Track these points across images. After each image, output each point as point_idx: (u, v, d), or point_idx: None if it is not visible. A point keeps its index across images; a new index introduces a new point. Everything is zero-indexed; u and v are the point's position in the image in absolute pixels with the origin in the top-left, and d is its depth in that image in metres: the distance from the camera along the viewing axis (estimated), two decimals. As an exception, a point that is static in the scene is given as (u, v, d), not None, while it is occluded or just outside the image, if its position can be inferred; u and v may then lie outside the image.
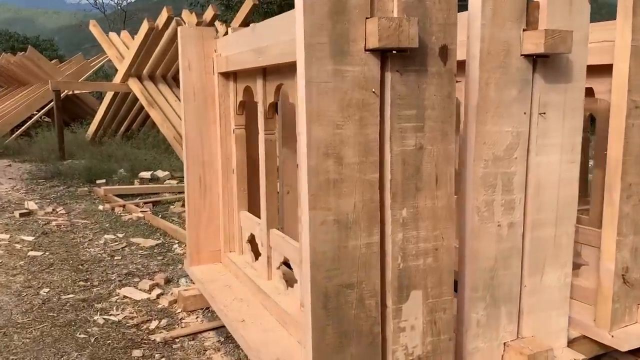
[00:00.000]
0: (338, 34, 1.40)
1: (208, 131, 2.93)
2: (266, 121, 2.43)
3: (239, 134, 2.84)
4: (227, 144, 2.90)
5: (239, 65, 2.48)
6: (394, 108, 1.49)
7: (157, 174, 6.36)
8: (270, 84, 2.33)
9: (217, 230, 3.02)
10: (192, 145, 2.90)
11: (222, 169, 2.92)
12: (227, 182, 2.93)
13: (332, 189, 1.45)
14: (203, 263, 3.01)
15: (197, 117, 2.89)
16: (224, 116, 2.88)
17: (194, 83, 2.86)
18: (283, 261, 2.42)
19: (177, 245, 3.83)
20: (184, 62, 2.83)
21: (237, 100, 2.79)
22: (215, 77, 2.87)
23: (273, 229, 2.50)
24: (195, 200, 2.95)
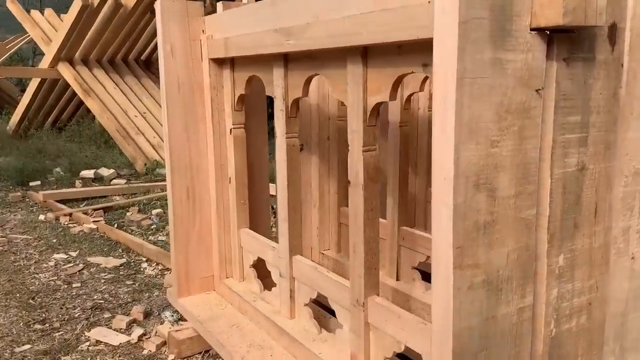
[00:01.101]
0: (499, 5, 0.93)
1: (196, 131, 2.36)
2: (288, 121, 1.91)
3: (237, 135, 2.30)
4: (222, 146, 2.36)
5: (249, 50, 1.93)
6: (557, 113, 1.04)
7: (101, 173, 5.60)
8: (296, 74, 1.82)
9: (209, 252, 2.47)
10: (177, 149, 2.33)
11: (216, 178, 2.37)
12: (221, 193, 2.39)
13: (482, 237, 0.99)
14: (194, 293, 2.46)
15: (183, 113, 2.32)
16: (217, 112, 2.32)
17: (179, 72, 2.29)
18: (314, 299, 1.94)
19: (146, 263, 3.23)
20: (166, 46, 2.24)
21: (236, 93, 2.24)
22: (204, 65, 2.30)
23: (298, 256, 2.00)
24: (182, 216, 2.38)
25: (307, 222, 2.81)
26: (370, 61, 1.47)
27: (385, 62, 1.42)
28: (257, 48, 1.88)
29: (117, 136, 6.45)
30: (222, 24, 2.17)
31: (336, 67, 1.60)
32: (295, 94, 1.85)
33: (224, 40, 2.11)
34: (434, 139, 0.97)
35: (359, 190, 1.56)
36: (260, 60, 2.00)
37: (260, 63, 2.02)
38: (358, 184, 1.56)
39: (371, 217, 1.58)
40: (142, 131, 6.61)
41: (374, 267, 1.62)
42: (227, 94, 2.28)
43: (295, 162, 1.96)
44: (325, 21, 1.51)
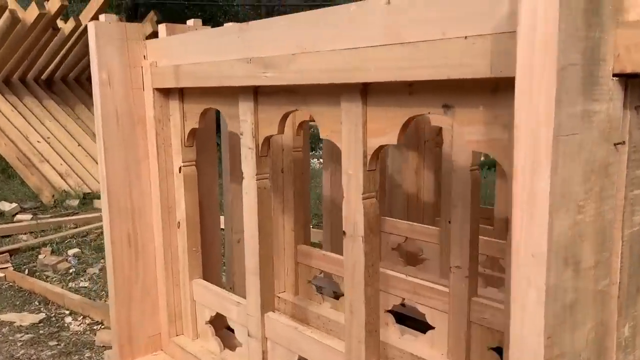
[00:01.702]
0: (590, 48, 0.79)
1: (138, 169, 2.06)
2: (259, 161, 1.69)
3: (188, 173, 2.03)
4: (169, 186, 2.07)
5: (210, 81, 1.69)
6: (629, 167, 0.91)
7: (0, 208, 4.96)
8: (269, 109, 1.60)
9: (155, 308, 2.16)
10: (116, 190, 2.01)
11: (162, 222, 2.07)
12: (169, 240, 2.10)
13: (569, 319, 0.83)
14: (138, 355, 2.13)
15: (122, 149, 2.01)
16: (163, 148, 2.04)
17: (117, 103, 1.98)
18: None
19: (70, 317, 2.81)
20: (102, 74, 1.93)
21: (187, 126, 1.98)
22: (147, 95, 2.02)
23: (271, 313, 1.76)
24: (123, 266, 2.06)
25: (260, 263, 2.57)
26: (371, 99, 1.29)
27: (392, 101, 1.25)
28: (222, 79, 1.64)
29: (18, 165, 5.78)
30: (171, 50, 1.90)
31: (325, 104, 1.41)
32: (268, 131, 1.63)
33: (174, 68, 1.84)
34: (514, 209, 0.80)
35: (358, 243, 1.37)
36: (221, 92, 1.76)
37: (220, 95, 1.78)
38: (357, 235, 1.37)
39: (372, 273, 1.39)
40: (46, 158, 5.98)
41: (375, 329, 1.43)
42: (176, 127, 2.01)
43: (267, 207, 1.73)
44: (317, 53, 1.31)
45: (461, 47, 1.00)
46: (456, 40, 1.01)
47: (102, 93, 1.94)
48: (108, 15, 1.94)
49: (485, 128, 1.07)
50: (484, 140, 1.08)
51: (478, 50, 0.98)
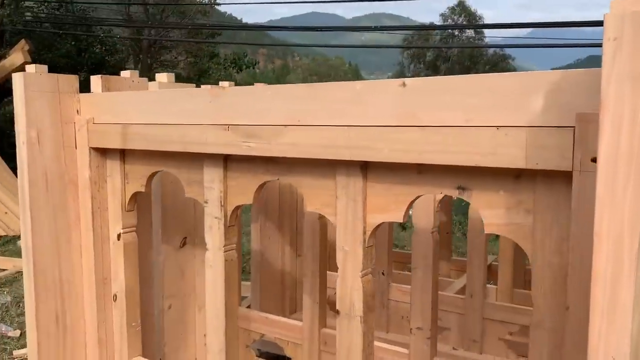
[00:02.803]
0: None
1: (68, 237, 1.82)
2: (227, 231, 1.57)
3: (128, 241, 1.84)
4: (103, 256, 1.86)
5: (171, 145, 1.55)
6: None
7: None
8: (242, 178, 1.51)
9: (83, 393, 1.90)
10: (43, 264, 1.76)
11: (97, 296, 1.84)
12: (103, 315, 1.87)
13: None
14: None
15: (52, 217, 1.77)
16: (98, 213, 1.83)
17: (47, 164, 1.75)
18: None
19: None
20: (30, 132, 1.70)
21: (128, 190, 1.80)
22: (82, 154, 1.81)
23: (237, 394, 1.63)
24: (48, 350, 1.79)
25: (191, 329, 2.39)
26: (373, 175, 1.26)
27: (397, 179, 1.23)
28: (188, 145, 1.51)
29: None
30: (115, 107, 1.73)
31: (316, 176, 1.35)
32: (239, 200, 1.53)
33: (122, 127, 1.67)
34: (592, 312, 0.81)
35: (355, 323, 1.31)
36: (178, 156, 1.63)
37: (175, 158, 1.64)
38: (354, 315, 1.31)
39: (370, 353, 1.34)
40: None
41: (371, 410, 1.37)
42: (115, 190, 1.82)
43: (233, 282, 1.61)
44: (314, 128, 1.26)
45: (492, 136, 1.02)
46: (486, 129, 1.03)
47: (30, 154, 1.70)
48: (38, 66, 1.71)
49: (507, 213, 1.09)
50: (505, 224, 1.10)
51: (512, 141, 1.00)
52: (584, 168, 0.93)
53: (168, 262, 2.27)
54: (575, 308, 0.98)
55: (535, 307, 1.07)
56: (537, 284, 1.06)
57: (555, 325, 1.05)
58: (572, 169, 0.94)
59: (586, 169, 0.93)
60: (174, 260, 2.30)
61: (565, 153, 0.95)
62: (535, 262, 1.06)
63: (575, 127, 0.94)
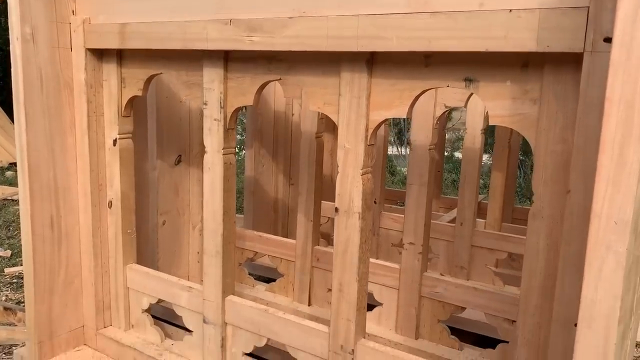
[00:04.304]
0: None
1: (64, 142, 1.80)
2: (226, 134, 1.56)
3: (124, 147, 1.83)
4: (99, 162, 1.84)
5: (172, 43, 1.52)
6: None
7: None
8: (243, 78, 1.48)
9: (77, 298, 1.92)
10: (37, 167, 1.74)
11: (92, 202, 1.84)
12: (98, 222, 1.87)
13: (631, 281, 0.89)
14: (59, 352, 1.88)
15: (47, 120, 1.74)
16: (94, 118, 1.80)
17: (41, 64, 1.71)
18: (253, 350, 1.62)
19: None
20: (24, 28, 1.65)
21: (125, 94, 1.77)
22: (77, 56, 1.76)
23: (232, 297, 1.66)
24: (44, 254, 1.80)
25: (185, 247, 2.41)
26: (378, 70, 1.25)
27: (403, 73, 1.22)
28: (188, 42, 1.48)
29: None
30: (112, 5, 1.68)
31: (318, 74, 1.34)
32: (239, 102, 1.52)
33: (119, 27, 1.63)
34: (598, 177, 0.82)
35: (353, 220, 1.33)
36: (176, 56, 1.60)
37: (174, 59, 1.61)
38: (352, 212, 1.33)
39: (365, 251, 1.36)
40: None
41: (363, 307, 1.41)
42: (111, 94, 1.79)
43: (231, 184, 1.61)
44: (321, 18, 1.24)
45: (505, 19, 1.01)
46: (499, 12, 1.01)
47: (24, 51, 1.66)
48: (32, -40, 1.65)
49: (513, 103, 1.09)
50: (510, 115, 1.10)
51: (524, 23, 0.99)
52: (595, 49, 0.93)
53: (163, 178, 2.27)
54: (576, 190, 0.99)
55: (535, 196, 1.09)
56: (538, 173, 1.07)
57: (554, 212, 1.07)
58: (583, 50, 0.94)
59: (598, 49, 0.93)
60: (169, 177, 2.29)
61: (578, 34, 0.94)
62: (538, 151, 1.07)
63: (590, 6, 0.93)
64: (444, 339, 1.90)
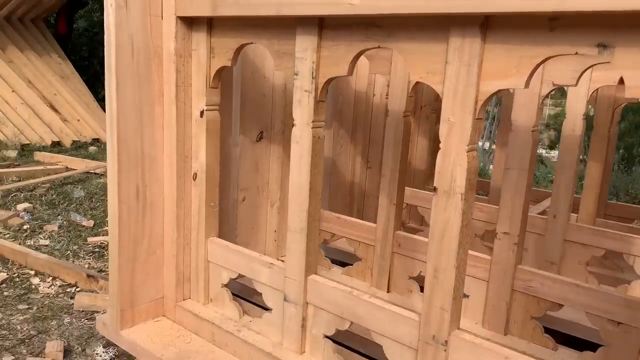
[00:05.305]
0: None
1: (152, 112, 1.80)
2: (317, 106, 1.49)
3: (211, 119, 1.80)
4: (185, 133, 1.82)
5: (264, 9, 1.46)
6: None
7: None
8: (337, 46, 1.40)
9: (159, 269, 1.92)
10: (126, 135, 1.74)
11: (177, 173, 1.83)
12: (182, 194, 1.86)
13: None
14: (139, 322, 1.90)
15: (137, 88, 1.74)
16: (182, 89, 1.78)
17: (133, 32, 1.70)
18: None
19: (37, 278, 2.48)
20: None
21: (214, 64, 1.73)
22: (168, 25, 1.74)
23: (314, 276, 1.59)
24: (129, 222, 1.81)
25: (262, 224, 2.38)
26: (492, 34, 1.13)
27: (523, 38, 1.09)
28: (283, 7, 1.41)
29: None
30: (206, -28, 1.64)
31: (422, 40, 1.23)
32: (333, 72, 1.44)
33: (212, -8, 1.59)
34: None
35: (455, 201, 1.22)
36: (268, 24, 1.54)
37: (265, 27, 1.55)
38: (454, 192, 1.22)
39: (466, 235, 1.26)
40: (-23, 103, 5.35)
41: (460, 295, 1.30)
42: (200, 64, 1.76)
43: (319, 159, 1.54)
44: (433, -23, 1.13)
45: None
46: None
47: (118, 17, 1.65)
48: None
49: (658, 71, 0.95)
50: (653, 85, 0.96)
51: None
52: None
53: (244, 154, 2.24)
54: None
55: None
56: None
57: None
58: None
59: None
60: (250, 154, 2.26)
61: None
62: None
63: None
64: (537, 337, 1.76)
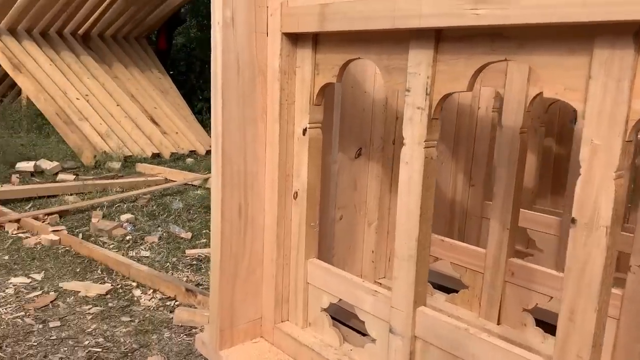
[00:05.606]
0: None
1: (255, 129, 1.77)
2: (430, 124, 1.38)
3: (314, 137, 1.74)
4: (287, 151, 1.78)
5: (376, 22, 1.38)
6: None
7: (41, 166, 4.69)
8: (456, 60, 1.29)
9: (258, 289, 1.89)
10: (231, 152, 1.73)
11: (279, 192, 1.79)
12: (283, 213, 1.81)
13: None
14: (237, 342, 1.87)
15: (241, 105, 1.72)
16: (285, 106, 1.74)
17: (239, 49, 1.68)
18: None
19: (139, 290, 2.55)
20: (226, 11, 1.63)
21: (318, 81, 1.67)
22: (273, 41, 1.71)
23: (424, 308, 1.48)
24: (232, 241, 1.78)
25: (359, 244, 2.29)
26: (650, 45, 0.98)
27: (690, 49, 0.93)
28: (398, 20, 1.32)
29: (57, 121, 5.50)
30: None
31: (559, 52, 1.09)
32: (449, 88, 1.33)
33: (320, 8, 1.53)
34: None
35: (598, 235, 1.07)
36: (378, 38, 1.45)
37: (375, 41, 1.47)
38: (597, 225, 1.07)
39: (610, 274, 1.10)
40: (86, 116, 5.70)
41: (600, 343, 1.14)
42: (304, 81, 1.71)
43: (431, 181, 1.43)
44: (579, -18, 1.00)
45: None
46: None
47: (225, 35, 1.64)
48: (236, -58, 1.62)
49: None
50: None
51: None
52: None
53: (342, 172, 2.18)
54: None
55: None
56: None
57: None
58: None
59: None
60: (348, 171, 2.19)
61: None
62: None
63: None
64: (680, 388, 1.53)
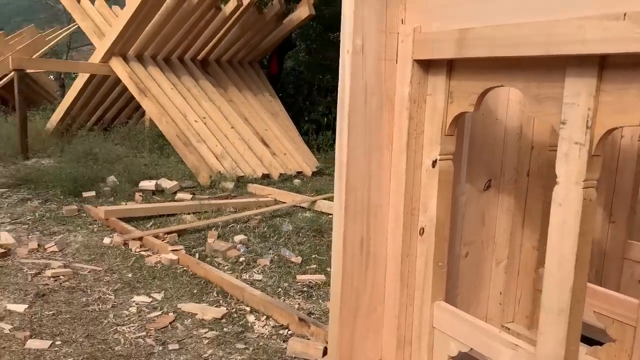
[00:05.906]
0: None
1: (380, 160, 1.68)
2: (590, 161, 1.21)
3: (444, 169, 1.62)
4: (414, 184, 1.67)
5: (528, 49, 1.24)
6: None
7: (162, 185, 4.95)
8: (623, 88, 1.12)
9: (378, 327, 1.79)
10: (354, 182, 1.65)
11: (404, 226, 1.68)
12: (407, 249, 1.70)
13: None
14: (356, 382, 1.77)
15: (367, 134, 1.65)
16: (413, 136, 1.64)
17: (367, 77, 1.61)
18: None
19: (252, 316, 2.54)
20: (356, 40, 1.57)
21: (451, 110, 1.56)
22: (403, 68, 1.62)
23: (576, 368, 1.30)
24: (352, 275, 1.71)
25: (486, 283, 2.12)
26: None
27: None
28: (554, 46, 1.19)
29: (177, 143, 5.80)
30: (451, 10, 1.49)
31: None
32: (615, 121, 1.16)
33: (459, 33, 1.42)
34: None
35: None
36: (525, 64, 1.32)
37: (522, 68, 1.33)
38: None
39: None
40: (203, 138, 5.97)
41: None
42: (436, 110, 1.60)
43: (589, 226, 1.26)
44: None
45: None
46: None
47: (354, 63, 1.58)
48: (368, -31, 1.56)
49: None
50: None
51: None
52: None
53: (470, 204, 2.02)
54: None
55: None
56: None
57: None
58: None
59: None
60: (476, 204, 2.04)
61: None
62: None
63: None
64: None
